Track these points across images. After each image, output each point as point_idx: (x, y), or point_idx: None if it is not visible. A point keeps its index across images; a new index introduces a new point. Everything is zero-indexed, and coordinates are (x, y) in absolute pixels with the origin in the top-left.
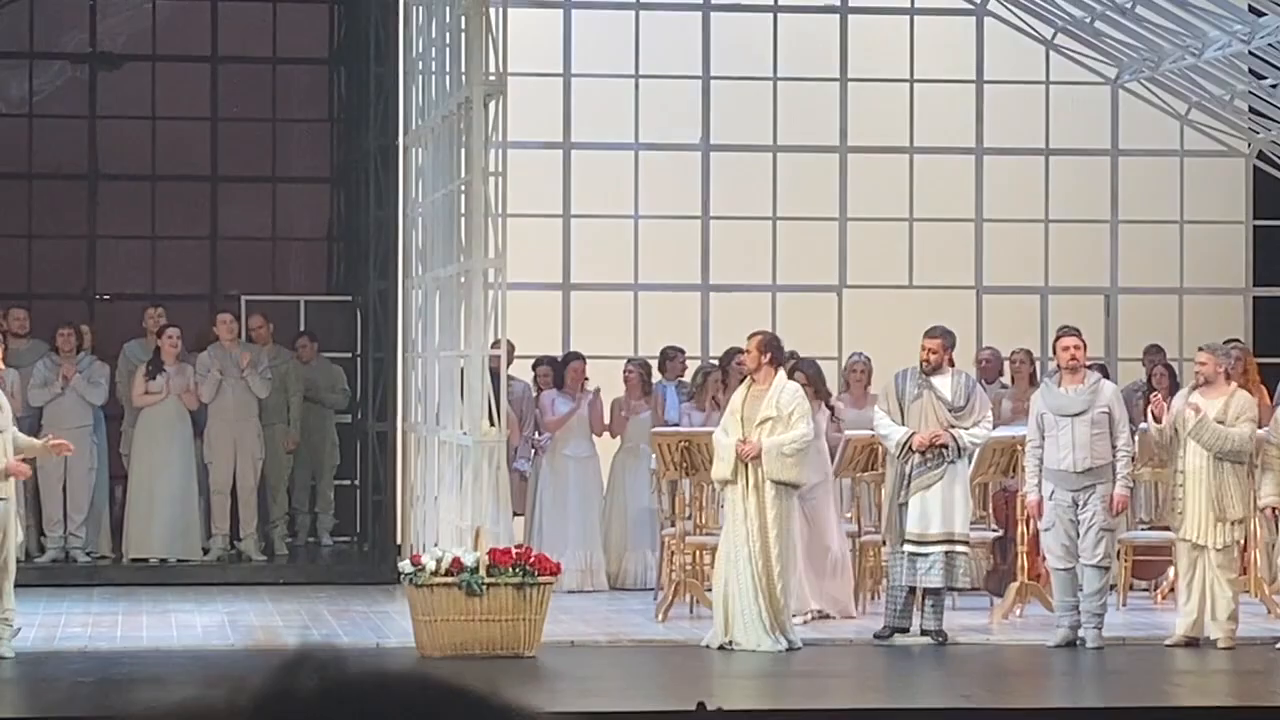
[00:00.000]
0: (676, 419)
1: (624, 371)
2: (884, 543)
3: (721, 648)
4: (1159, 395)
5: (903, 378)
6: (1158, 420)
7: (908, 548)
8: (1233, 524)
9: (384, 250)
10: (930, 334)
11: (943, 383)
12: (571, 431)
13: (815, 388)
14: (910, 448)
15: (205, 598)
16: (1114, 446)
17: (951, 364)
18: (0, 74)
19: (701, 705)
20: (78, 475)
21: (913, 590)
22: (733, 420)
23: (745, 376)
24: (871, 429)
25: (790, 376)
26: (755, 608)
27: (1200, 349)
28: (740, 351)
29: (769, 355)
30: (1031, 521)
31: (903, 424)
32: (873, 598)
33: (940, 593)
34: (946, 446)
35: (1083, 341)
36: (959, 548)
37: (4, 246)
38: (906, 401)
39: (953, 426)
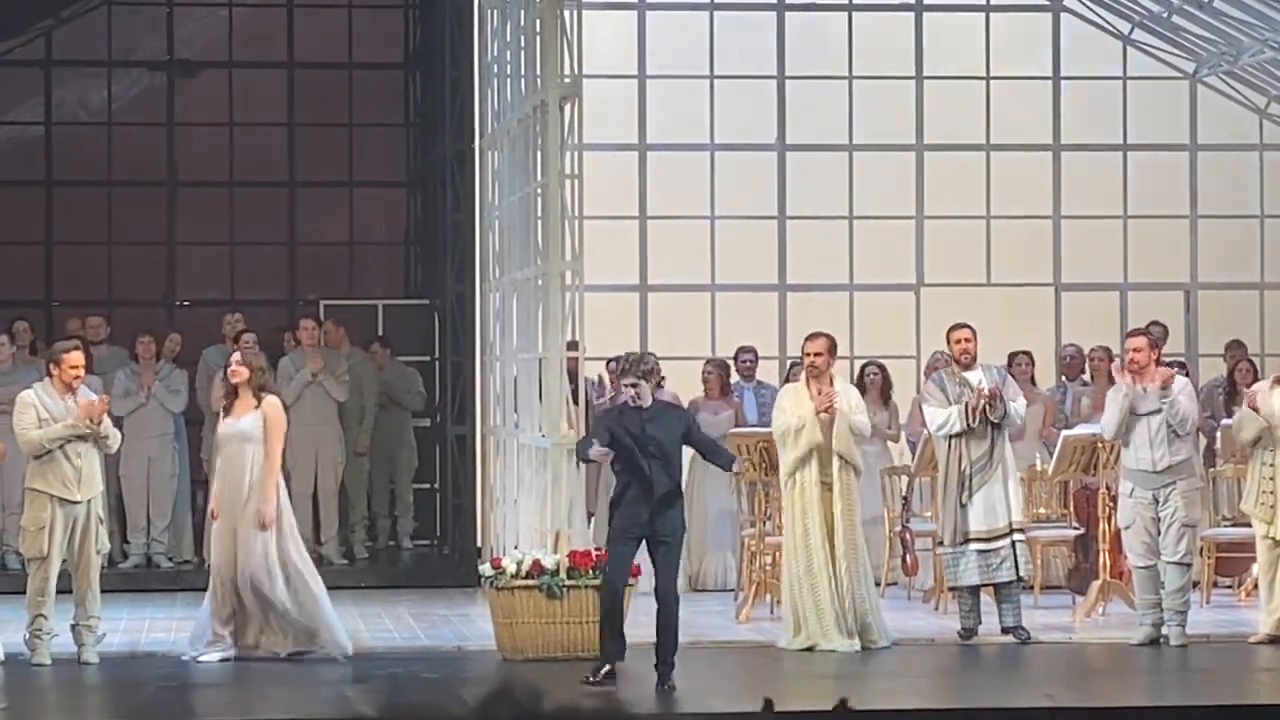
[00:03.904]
0: (755, 420)
1: (703, 373)
2: (941, 543)
3: (799, 650)
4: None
5: (940, 379)
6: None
7: (975, 546)
8: None
9: (461, 254)
10: (958, 327)
11: (973, 378)
12: None
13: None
14: (974, 410)
15: None
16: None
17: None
18: (79, 82)
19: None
20: (160, 481)
21: (977, 588)
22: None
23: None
24: None
25: None
26: (832, 609)
27: None
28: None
29: (834, 356)
30: (1113, 519)
31: None
32: (953, 595)
33: (1012, 586)
34: (1005, 411)
35: (1152, 344)
36: (1018, 536)
37: (84, 254)
38: (952, 401)
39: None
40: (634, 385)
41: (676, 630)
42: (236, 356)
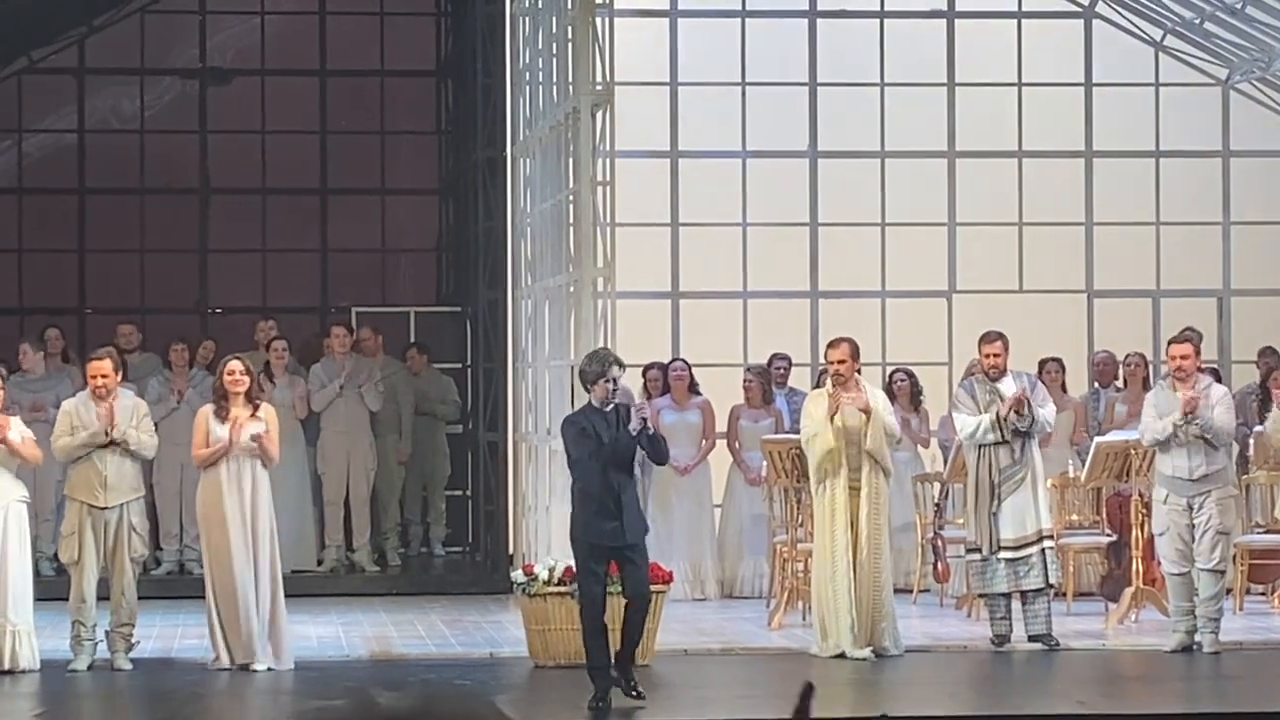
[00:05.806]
0: (790, 427)
1: (744, 381)
2: (971, 550)
3: (831, 657)
4: None
5: (970, 386)
6: None
7: (1005, 554)
8: None
9: (493, 261)
10: (990, 339)
11: (1006, 386)
12: (677, 439)
13: None
14: (1004, 420)
15: (319, 609)
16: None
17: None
18: (112, 90)
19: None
20: (192, 488)
21: (1009, 595)
22: (828, 427)
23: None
24: None
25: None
26: (849, 615)
27: None
28: None
29: (858, 361)
30: (1146, 526)
31: None
32: (985, 602)
33: (1043, 593)
34: (1033, 418)
35: (1196, 349)
36: (1047, 543)
37: (118, 261)
38: (981, 408)
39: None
40: (616, 379)
41: (641, 633)
42: (237, 364)
